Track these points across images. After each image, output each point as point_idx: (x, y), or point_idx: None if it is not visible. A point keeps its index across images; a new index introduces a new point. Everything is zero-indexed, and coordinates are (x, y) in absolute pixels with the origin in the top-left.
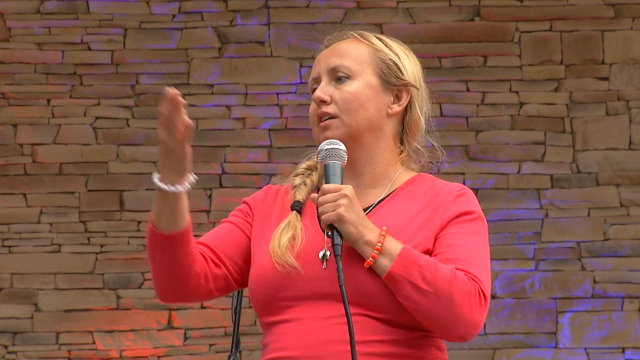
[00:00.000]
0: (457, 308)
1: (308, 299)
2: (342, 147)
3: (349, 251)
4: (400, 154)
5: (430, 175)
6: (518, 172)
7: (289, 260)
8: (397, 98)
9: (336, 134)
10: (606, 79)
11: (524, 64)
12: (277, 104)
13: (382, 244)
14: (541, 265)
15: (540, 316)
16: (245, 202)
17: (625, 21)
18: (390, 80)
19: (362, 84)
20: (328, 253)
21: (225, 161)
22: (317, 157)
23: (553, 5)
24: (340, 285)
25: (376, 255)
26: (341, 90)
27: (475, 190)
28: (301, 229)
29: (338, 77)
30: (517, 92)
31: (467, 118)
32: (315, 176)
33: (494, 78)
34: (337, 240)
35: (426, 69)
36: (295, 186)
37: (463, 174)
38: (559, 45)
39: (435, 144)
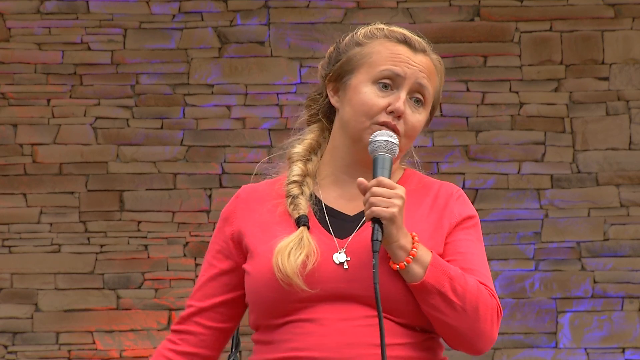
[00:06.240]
0: (481, 323)
1: (324, 300)
2: (397, 142)
3: (370, 254)
4: None
5: (414, 170)
6: (518, 172)
7: (297, 282)
8: None
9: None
10: (606, 79)
11: (524, 64)
12: (277, 104)
13: (416, 249)
14: (541, 265)
15: (540, 316)
16: (222, 228)
17: (625, 21)
18: (430, 118)
19: (424, 118)
20: (346, 257)
21: (225, 161)
22: (368, 145)
23: (553, 5)
24: (374, 283)
25: (410, 260)
26: (414, 116)
27: (475, 191)
28: (316, 246)
29: (417, 98)
30: (517, 92)
31: (467, 118)
32: (310, 182)
33: (494, 78)
34: (378, 236)
35: None
36: (293, 196)
37: (463, 174)
38: (559, 45)
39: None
